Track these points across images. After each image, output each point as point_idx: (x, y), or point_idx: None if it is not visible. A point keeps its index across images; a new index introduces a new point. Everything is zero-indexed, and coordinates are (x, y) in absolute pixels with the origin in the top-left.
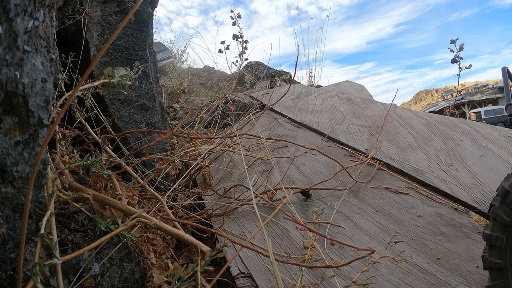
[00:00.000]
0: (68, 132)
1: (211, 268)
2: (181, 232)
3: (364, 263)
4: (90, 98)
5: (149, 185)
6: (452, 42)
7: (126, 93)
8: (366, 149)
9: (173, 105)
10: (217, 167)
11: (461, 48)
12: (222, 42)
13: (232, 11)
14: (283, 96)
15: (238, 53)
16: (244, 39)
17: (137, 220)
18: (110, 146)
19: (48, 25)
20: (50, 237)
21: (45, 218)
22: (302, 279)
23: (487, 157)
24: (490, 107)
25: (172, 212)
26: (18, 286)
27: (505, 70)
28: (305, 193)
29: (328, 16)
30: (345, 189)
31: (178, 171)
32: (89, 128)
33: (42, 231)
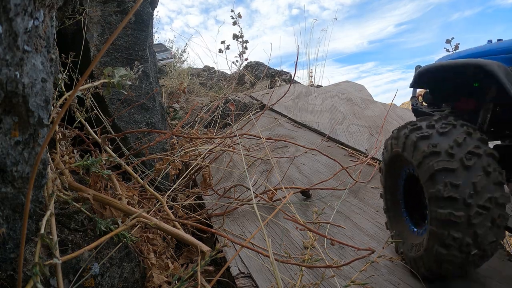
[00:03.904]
0: (68, 132)
1: (211, 268)
2: (181, 232)
3: (364, 263)
4: (90, 98)
5: (149, 185)
6: (448, 41)
7: (126, 93)
8: (366, 149)
9: (173, 105)
10: (217, 167)
11: (456, 48)
12: (222, 42)
13: (232, 11)
14: (283, 96)
15: (238, 53)
16: (245, 38)
17: (137, 220)
18: (110, 146)
19: (48, 25)
20: (50, 237)
21: (45, 218)
22: (302, 279)
23: None
24: None
25: (172, 212)
26: (18, 286)
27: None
28: (305, 193)
29: (336, 18)
30: (345, 189)
31: (178, 171)
32: (89, 128)
33: (42, 231)
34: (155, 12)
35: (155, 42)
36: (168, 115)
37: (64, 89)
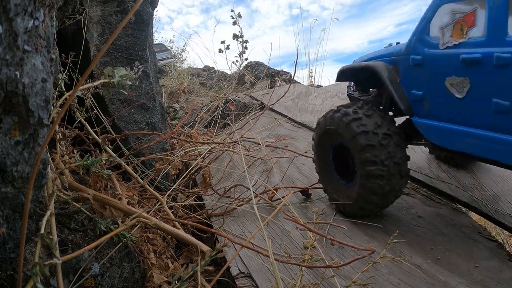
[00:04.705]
0: (68, 132)
1: (211, 268)
2: (181, 232)
3: (364, 263)
4: (90, 98)
5: (149, 185)
6: None
7: (126, 93)
8: None
9: (173, 105)
10: (217, 167)
11: None
12: (222, 42)
13: (232, 11)
14: (283, 96)
15: (238, 52)
16: (245, 38)
17: (137, 220)
18: (110, 146)
19: (48, 25)
20: (50, 237)
21: (45, 218)
22: (302, 279)
23: None
24: None
25: (172, 212)
26: (18, 286)
27: None
28: (305, 193)
29: (337, 19)
30: None
31: (178, 171)
32: (89, 128)
33: (42, 231)
34: (155, 12)
35: (155, 42)
36: (168, 115)
37: (64, 89)
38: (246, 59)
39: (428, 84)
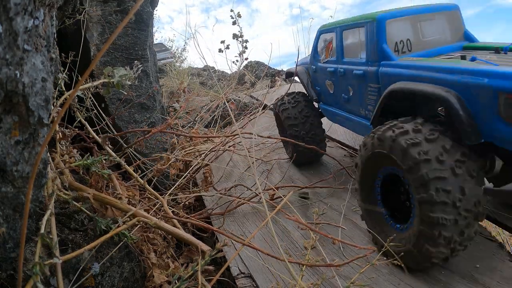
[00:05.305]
0: (68, 132)
1: (211, 267)
2: (181, 231)
3: (365, 263)
4: (91, 98)
5: (148, 184)
6: None
7: (125, 93)
8: None
9: (173, 104)
10: (217, 167)
11: None
12: (222, 42)
13: (232, 10)
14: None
15: (238, 52)
16: (245, 38)
17: (138, 220)
18: (110, 146)
19: (48, 24)
20: (50, 236)
21: (45, 218)
22: (302, 279)
23: None
24: None
25: (173, 212)
26: (18, 286)
27: None
28: (305, 194)
29: (331, 16)
30: (344, 188)
31: (178, 171)
32: (89, 128)
33: (42, 230)
34: (155, 11)
35: (155, 41)
36: (168, 115)
37: (64, 89)
38: (246, 58)
39: (320, 84)
